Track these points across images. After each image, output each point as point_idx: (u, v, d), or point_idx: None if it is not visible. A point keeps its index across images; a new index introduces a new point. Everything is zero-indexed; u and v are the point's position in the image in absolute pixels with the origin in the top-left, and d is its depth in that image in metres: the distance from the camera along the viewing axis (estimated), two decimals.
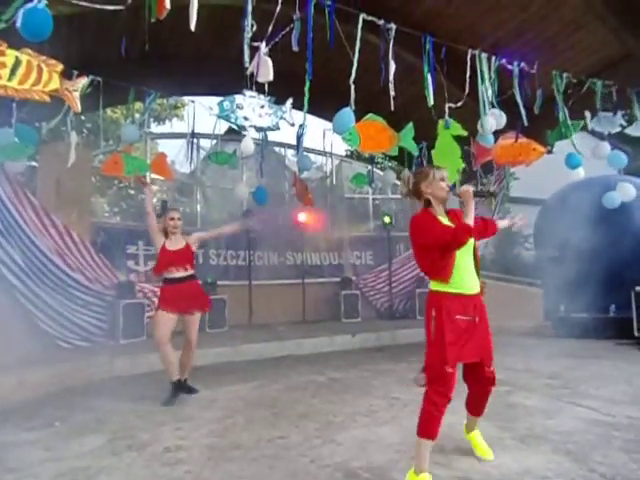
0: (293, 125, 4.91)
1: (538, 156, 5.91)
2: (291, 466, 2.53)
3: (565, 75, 5.84)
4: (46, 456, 2.77)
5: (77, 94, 3.77)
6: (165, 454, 2.76)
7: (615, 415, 3.22)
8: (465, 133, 5.34)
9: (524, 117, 5.44)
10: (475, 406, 2.64)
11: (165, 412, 3.66)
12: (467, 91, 5.20)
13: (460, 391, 4.04)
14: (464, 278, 2.40)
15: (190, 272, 4.22)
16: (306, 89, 4.26)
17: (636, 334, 6.29)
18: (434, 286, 2.46)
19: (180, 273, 4.15)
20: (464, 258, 2.41)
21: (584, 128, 6.39)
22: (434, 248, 2.38)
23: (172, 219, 4.24)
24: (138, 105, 7.86)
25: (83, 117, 12.09)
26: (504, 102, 5.51)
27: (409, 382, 4.46)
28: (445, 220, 2.47)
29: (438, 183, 2.49)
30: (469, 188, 2.47)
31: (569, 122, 5.82)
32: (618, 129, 6.36)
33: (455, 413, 3.39)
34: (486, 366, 2.48)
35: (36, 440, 3.07)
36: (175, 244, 4.21)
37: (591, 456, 2.51)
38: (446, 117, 5.28)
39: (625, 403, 3.53)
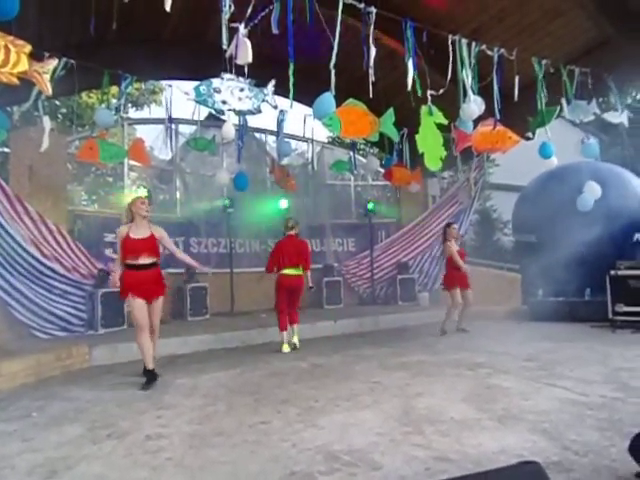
0: (276, 107, 4.84)
1: (513, 144, 5.98)
2: (273, 451, 2.54)
3: (544, 62, 5.89)
4: (23, 447, 2.73)
5: (47, 76, 3.65)
6: (146, 442, 2.75)
7: (589, 395, 3.31)
8: (446, 121, 5.35)
9: (499, 104, 5.47)
10: None
11: (146, 400, 3.63)
12: (450, 77, 5.20)
13: (439, 376, 4.12)
14: None
15: (153, 260, 4.22)
16: (290, 72, 4.20)
17: (610, 316, 6.47)
18: None
19: (143, 261, 4.14)
20: None
21: (560, 116, 6.48)
22: None
23: (143, 203, 4.23)
24: (115, 90, 7.67)
25: (57, 102, 11.75)
26: (483, 89, 5.53)
27: (390, 367, 4.52)
28: None
29: None
30: None
31: (544, 110, 5.88)
32: (592, 117, 6.45)
33: (434, 395, 3.47)
34: None
35: (13, 431, 3.01)
36: (140, 232, 4.18)
37: (565, 434, 2.58)
38: (429, 103, 5.27)
39: (598, 383, 3.63)
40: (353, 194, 10.52)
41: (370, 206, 9.34)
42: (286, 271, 5.75)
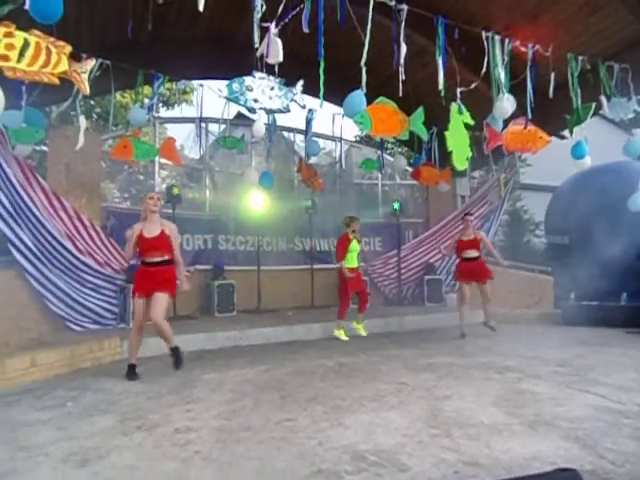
0: (304, 107, 4.85)
1: (544, 144, 5.83)
2: (299, 448, 2.54)
3: (580, 58, 5.72)
4: (58, 435, 2.82)
5: (85, 76, 3.75)
6: (175, 435, 2.79)
7: (625, 402, 3.19)
8: (472, 122, 5.25)
9: (531, 103, 5.34)
10: None
11: (175, 394, 3.70)
12: (482, 74, 5.11)
13: (467, 378, 4.05)
14: None
15: (165, 257, 4.27)
16: (321, 70, 4.19)
17: None
18: None
19: (155, 258, 4.23)
20: None
21: (599, 114, 6.27)
22: None
23: (151, 198, 4.30)
24: (147, 90, 7.83)
25: (92, 102, 12.08)
26: (515, 87, 5.41)
27: (417, 368, 4.47)
28: None
29: None
30: None
31: (579, 108, 5.71)
32: (632, 115, 6.22)
33: (462, 398, 3.41)
34: None
35: (48, 420, 3.11)
36: (152, 230, 4.25)
37: (600, 443, 2.50)
38: (458, 101, 5.19)
39: (635, 391, 3.49)
40: (380, 193, 10.46)
41: (395, 206, 9.25)
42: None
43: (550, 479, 1.21)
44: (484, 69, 5.14)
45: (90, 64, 3.87)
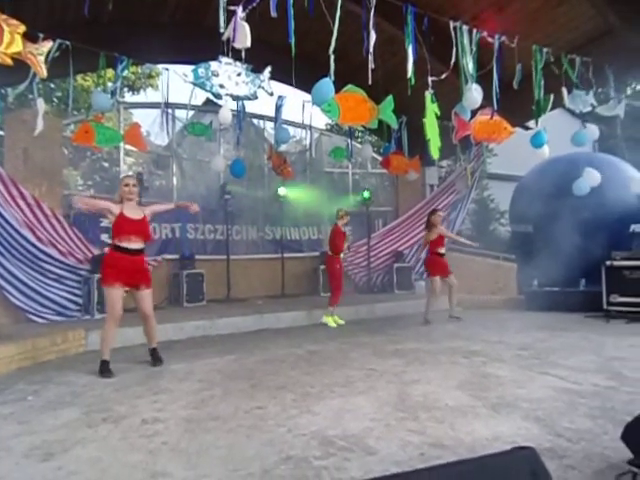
0: (272, 94, 4.78)
1: (508, 135, 5.96)
2: (268, 435, 2.56)
3: (545, 50, 5.84)
4: (19, 430, 2.74)
5: (42, 58, 3.58)
6: (142, 426, 2.76)
7: (582, 383, 3.34)
8: (439, 112, 5.31)
9: (497, 94, 5.43)
10: None
11: (141, 385, 3.64)
12: (452, 64, 5.15)
13: (434, 363, 4.15)
14: None
15: (143, 246, 4.15)
16: (292, 53, 4.12)
17: (605, 307, 6.51)
18: None
19: (134, 245, 4.05)
20: None
21: (562, 105, 6.44)
22: None
23: (127, 185, 4.08)
24: (110, 73, 7.56)
25: (52, 85, 11.59)
26: (482, 77, 5.48)
27: (386, 354, 4.54)
28: None
29: None
30: None
31: (542, 99, 5.85)
32: (590, 108, 6.42)
33: (429, 383, 3.49)
34: None
35: (9, 414, 3.02)
36: (133, 213, 4.08)
37: (558, 422, 2.61)
38: (429, 90, 5.22)
39: (592, 372, 3.66)
40: (351, 182, 10.48)
41: (365, 195, 9.30)
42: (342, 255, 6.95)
43: (509, 458, 1.25)
44: (453, 59, 5.18)
45: (47, 46, 3.69)
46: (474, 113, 5.80)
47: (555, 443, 2.33)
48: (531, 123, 6.96)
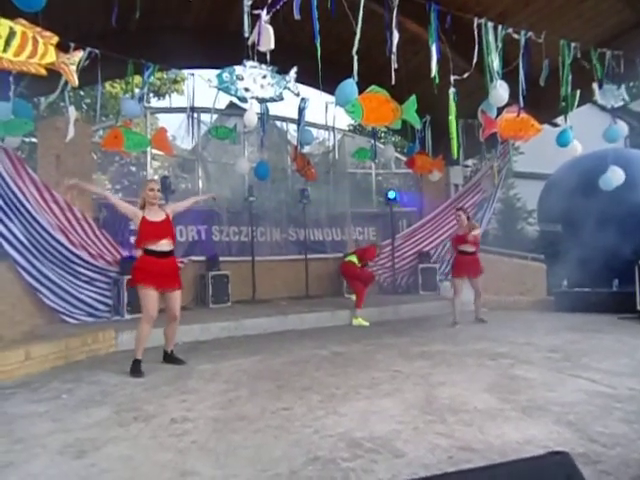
0: (298, 95, 4.79)
1: (536, 133, 5.82)
2: (295, 436, 2.56)
3: (573, 45, 5.70)
4: (54, 427, 2.82)
5: (74, 67, 3.68)
6: (171, 425, 2.80)
7: (616, 387, 3.24)
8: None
9: (524, 90, 5.33)
10: None
11: (170, 385, 3.71)
12: (475, 62, 5.08)
13: (461, 365, 4.09)
14: None
15: (172, 247, 4.21)
16: (317, 54, 4.13)
17: (638, 308, 6.30)
18: None
19: (164, 247, 4.11)
20: None
21: (591, 101, 6.28)
22: None
23: (152, 190, 4.16)
24: (137, 80, 7.74)
25: (82, 92, 11.92)
26: (508, 74, 5.39)
27: (411, 356, 4.50)
28: None
29: None
30: None
31: (569, 95, 5.71)
32: (622, 103, 6.24)
33: (455, 385, 3.44)
34: None
35: (44, 412, 3.11)
36: (156, 216, 4.15)
37: (592, 426, 2.54)
38: (452, 89, 5.16)
39: (626, 375, 3.55)
40: (374, 182, 10.44)
41: (391, 195, 9.24)
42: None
43: (542, 462, 1.22)
44: (475, 57, 5.10)
45: (78, 55, 3.79)
46: (500, 111, 5.71)
47: (589, 448, 2.27)
48: (559, 120, 6.81)
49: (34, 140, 7.40)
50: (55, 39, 3.56)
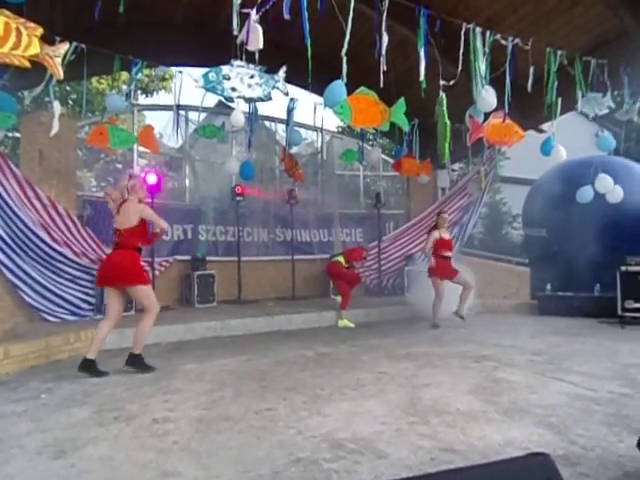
0: (287, 94, 4.77)
1: (519, 139, 5.90)
2: (278, 437, 2.55)
3: (559, 53, 5.78)
4: (33, 427, 2.76)
5: (59, 60, 3.62)
6: (153, 425, 2.77)
7: (597, 390, 3.29)
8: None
9: (509, 96, 5.39)
10: None
11: (153, 384, 3.66)
12: (460, 67, 5.12)
13: (445, 367, 4.11)
14: None
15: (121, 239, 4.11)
16: (309, 55, 4.13)
17: (620, 313, 6.40)
18: None
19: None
20: None
21: (574, 108, 6.37)
22: None
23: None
24: (125, 76, 7.66)
25: (68, 87, 11.75)
26: (494, 80, 5.44)
27: (396, 357, 4.52)
28: None
29: None
30: None
31: (554, 102, 5.79)
32: (606, 111, 6.34)
33: (440, 387, 3.46)
34: None
35: (23, 412, 3.06)
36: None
37: (572, 429, 2.57)
38: (441, 93, 5.20)
39: (607, 378, 3.60)
40: (362, 184, 10.47)
41: (379, 197, 9.27)
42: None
43: (523, 463, 1.23)
44: (462, 62, 5.15)
45: (64, 48, 3.74)
46: (487, 116, 5.76)
47: (569, 450, 2.30)
48: (546, 126, 6.89)
49: (17, 135, 7.27)
50: (40, 30, 3.50)
